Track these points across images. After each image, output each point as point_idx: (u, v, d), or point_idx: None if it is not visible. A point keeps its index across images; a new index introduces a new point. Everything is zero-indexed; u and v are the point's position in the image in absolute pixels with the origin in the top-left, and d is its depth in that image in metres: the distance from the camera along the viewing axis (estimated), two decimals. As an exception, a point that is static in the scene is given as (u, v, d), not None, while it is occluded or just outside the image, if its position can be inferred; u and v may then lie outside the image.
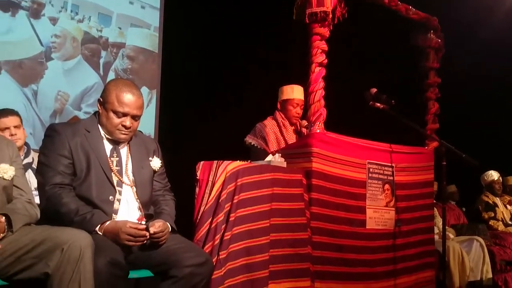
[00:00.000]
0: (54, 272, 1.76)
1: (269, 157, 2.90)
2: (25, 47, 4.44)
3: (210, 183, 2.56)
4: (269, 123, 3.51)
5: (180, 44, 5.27)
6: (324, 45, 3.10)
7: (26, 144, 2.86)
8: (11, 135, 2.72)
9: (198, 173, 2.60)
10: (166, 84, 5.27)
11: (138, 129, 2.33)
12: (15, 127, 2.77)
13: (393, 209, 3.29)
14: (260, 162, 2.82)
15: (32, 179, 2.61)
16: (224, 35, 5.35)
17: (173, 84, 5.24)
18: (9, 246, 1.80)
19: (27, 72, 4.43)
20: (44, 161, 2.14)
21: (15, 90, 4.36)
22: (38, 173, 2.17)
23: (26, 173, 2.41)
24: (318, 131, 3.02)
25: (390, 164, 3.29)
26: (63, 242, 1.78)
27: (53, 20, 4.65)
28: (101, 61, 4.96)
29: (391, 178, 3.30)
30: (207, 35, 5.32)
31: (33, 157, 2.83)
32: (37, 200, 2.17)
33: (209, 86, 5.30)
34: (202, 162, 2.62)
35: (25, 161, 2.74)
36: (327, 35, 3.10)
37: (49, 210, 2.07)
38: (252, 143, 3.46)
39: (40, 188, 2.14)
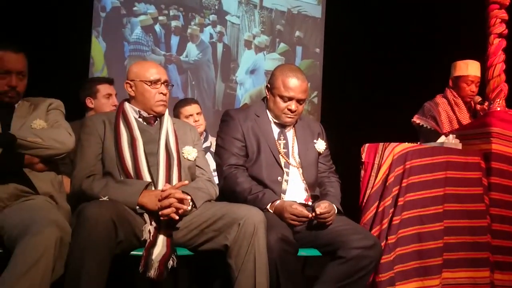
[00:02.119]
0: (232, 245, 1.93)
1: (442, 139, 2.71)
2: (200, 47, 4.92)
3: (376, 165, 2.50)
4: (440, 101, 3.28)
5: (344, 16, 5.19)
6: (503, 14, 2.79)
7: (204, 130, 3.15)
8: (195, 121, 3.02)
9: (363, 156, 2.56)
10: (329, 64, 5.27)
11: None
12: (197, 114, 3.07)
13: None
14: (431, 144, 2.66)
15: (210, 161, 2.87)
16: (390, 9, 5.11)
17: (337, 63, 5.20)
18: (194, 220, 2.00)
19: (202, 68, 4.90)
20: (221, 143, 2.34)
21: (193, 84, 4.86)
22: (216, 154, 2.38)
23: (206, 156, 2.66)
24: (498, 109, 2.73)
25: None
26: (239, 217, 1.93)
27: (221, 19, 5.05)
28: (266, 50, 5.21)
29: None
30: (373, 11, 5.15)
31: (211, 141, 3.10)
32: (216, 179, 2.39)
33: (373, 65, 5.14)
34: (367, 145, 2.57)
35: (204, 145, 3.02)
36: (507, 3, 2.78)
37: (226, 188, 2.26)
38: (420, 124, 3.28)
39: (218, 168, 2.34)
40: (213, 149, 2.95)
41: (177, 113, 3.06)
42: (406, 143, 2.54)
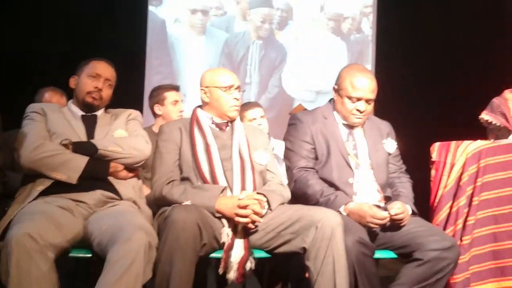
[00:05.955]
0: (310, 247, 1.94)
1: (513, 136, 2.62)
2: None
3: (448, 165, 2.45)
4: (509, 97, 3.16)
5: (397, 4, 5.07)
6: None
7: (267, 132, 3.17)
8: (258, 124, 3.05)
9: (433, 155, 2.52)
10: (389, 63, 5.14)
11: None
12: (261, 117, 3.10)
13: None
14: (504, 141, 2.57)
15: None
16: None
17: (395, 63, 5.07)
18: (270, 222, 2.03)
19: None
20: (290, 147, 2.36)
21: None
22: (285, 157, 2.39)
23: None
24: None
25: None
26: (316, 220, 1.95)
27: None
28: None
29: None
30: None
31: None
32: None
33: (434, 63, 4.97)
34: (437, 143, 2.52)
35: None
36: None
37: (297, 191, 2.26)
38: (489, 120, 3.16)
39: (288, 171, 2.35)
40: (274, 151, 2.97)
41: (240, 116, 3.09)
42: (479, 140, 2.47)
